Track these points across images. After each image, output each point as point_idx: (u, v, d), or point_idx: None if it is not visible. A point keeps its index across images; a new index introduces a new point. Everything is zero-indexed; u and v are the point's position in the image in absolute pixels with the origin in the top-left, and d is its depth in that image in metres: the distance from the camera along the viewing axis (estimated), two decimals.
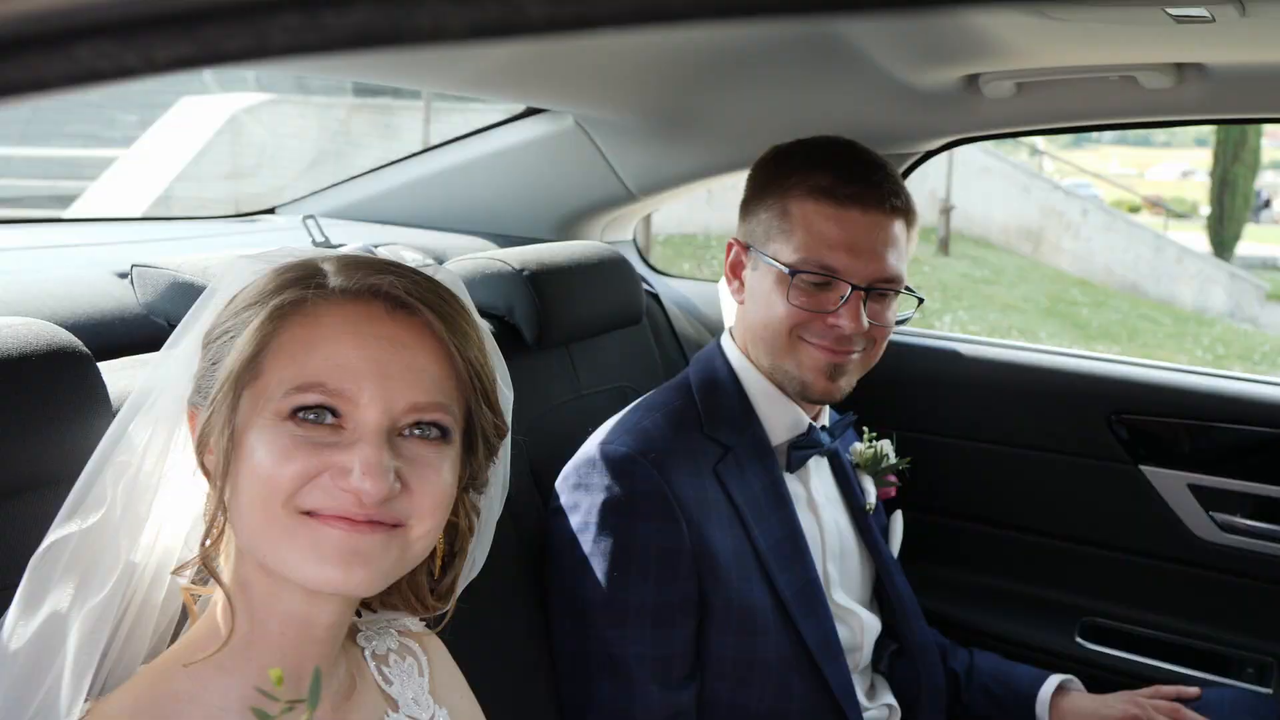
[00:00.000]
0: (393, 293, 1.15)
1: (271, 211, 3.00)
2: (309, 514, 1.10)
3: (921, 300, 2.08)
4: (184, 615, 1.24)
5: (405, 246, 1.31)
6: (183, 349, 1.20)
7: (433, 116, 13.78)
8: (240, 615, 1.15)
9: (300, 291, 1.14)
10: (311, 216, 2.50)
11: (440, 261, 2.28)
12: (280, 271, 1.18)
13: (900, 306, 2.05)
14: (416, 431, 1.15)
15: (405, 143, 13.57)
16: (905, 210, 1.98)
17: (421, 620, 1.39)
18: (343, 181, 3.03)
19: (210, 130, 12.59)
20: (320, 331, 1.13)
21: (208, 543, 1.14)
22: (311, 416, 1.11)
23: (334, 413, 1.11)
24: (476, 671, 1.46)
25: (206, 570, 1.15)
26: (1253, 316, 19.58)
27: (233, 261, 1.23)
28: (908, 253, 2.01)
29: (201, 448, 1.14)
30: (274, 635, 1.16)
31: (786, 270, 1.94)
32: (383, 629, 1.35)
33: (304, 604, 1.15)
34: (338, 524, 1.10)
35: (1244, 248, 24.67)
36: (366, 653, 1.31)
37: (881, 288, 1.96)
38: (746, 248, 2.05)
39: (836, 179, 1.94)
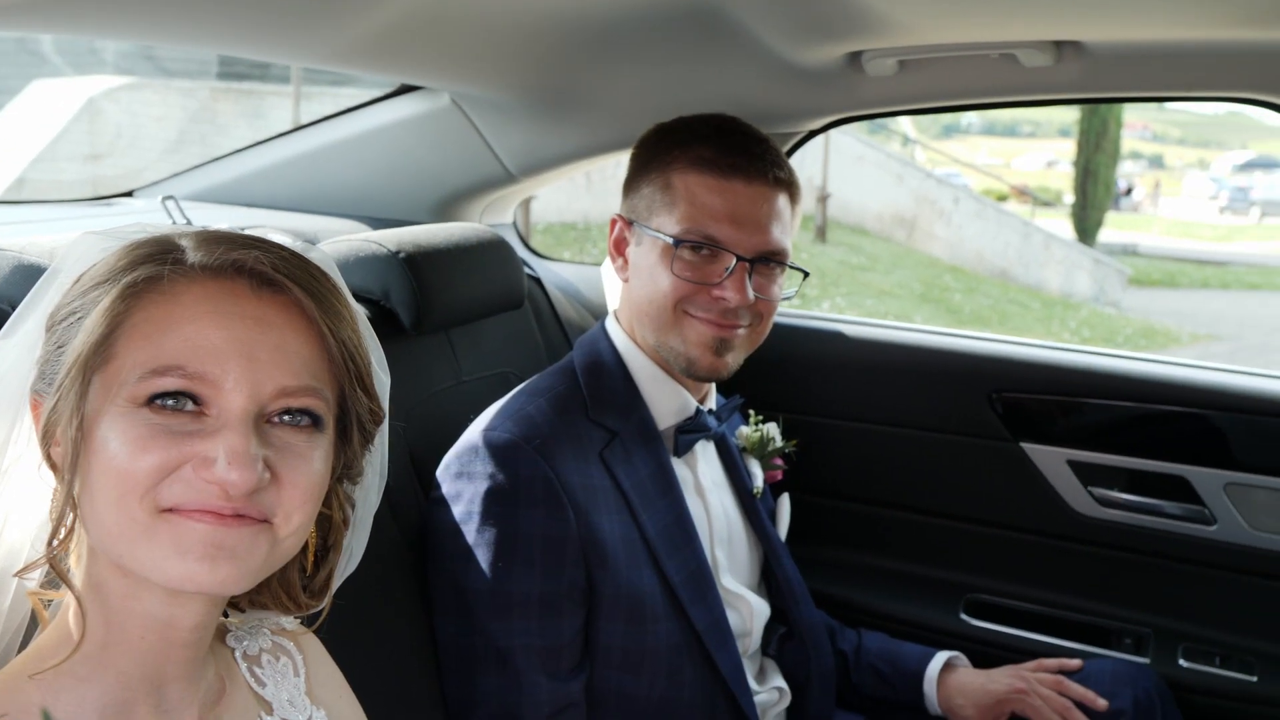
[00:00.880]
0: (258, 269, 1.08)
1: (130, 195, 2.85)
2: (170, 510, 1.02)
3: (807, 274, 2.07)
4: (35, 621, 1.15)
5: (274, 229, 1.22)
6: (24, 333, 1.11)
7: (302, 100, 13.44)
8: (94, 619, 1.07)
9: (155, 268, 1.06)
10: (171, 198, 2.40)
11: (312, 244, 2.18)
12: (132, 248, 1.09)
13: (785, 285, 2.04)
14: (286, 418, 1.08)
15: (273, 127, 13.19)
16: (789, 183, 1.98)
17: (296, 618, 1.30)
18: (206, 163, 2.89)
19: (66, 114, 12.08)
20: (178, 311, 1.05)
21: (55, 543, 1.05)
22: (170, 403, 1.03)
23: (195, 399, 1.04)
24: (356, 670, 1.40)
25: (55, 572, 1.06)
26: (1116, 300, 20.29)
27: (79, 238, 1.14)
28: (792, 228, 2.00)
29: (47, 439, 1.06)
30: (133, 639, 1.08)
31: (670, 240, 1.91)
32: (254, 628, 1.27)
33: (166, 605, 1.08)
34: (202, 518, 1.02)
35: (1106, 234, 25.61)
36: (237, 654, 1.24)
37: (767, 259, 1.94)
38: (630, 223, 2.02)
39: (719, 151, 1.93)
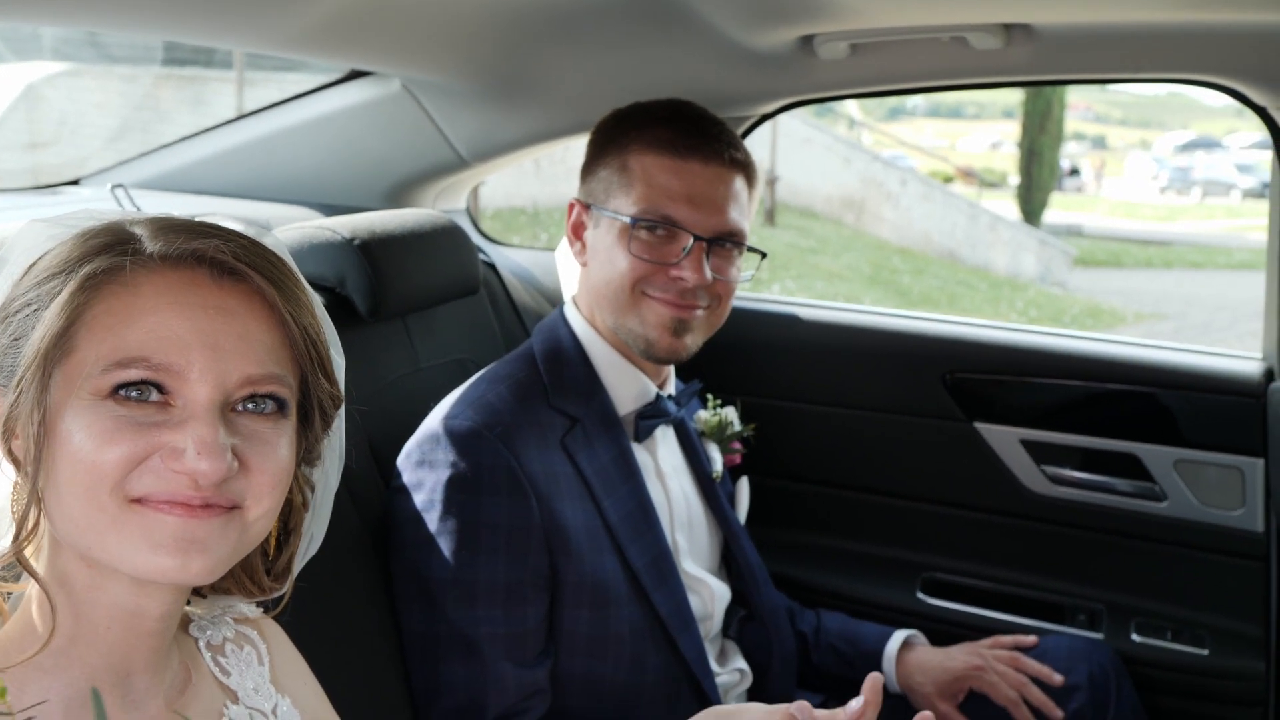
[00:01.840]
0: (218, 258, 1.07)
1: (76, 183, 2.80)
2: (139, 500, 1.01)
3: (764, 255, 2.08)
4: None
5: (225, 217, 1.21)
6: None
7: (246, 87, 13.26)
8: (62, 611, 1.06)
9: (114, 258, 1.05)
10: (121, 186, 2.36)
11: (265, 230, 2.15)
12: (86, 237, 1.08)
13: (743, 267, 2.05)
14: (250, 406, 1.07)
15: (217, 115, 12.97)
16: (745, 165, 1.99)
17: (259, 605, 1.30)
18: (154, 150, 2.85)
19: (4, 101, 11.83)
20: (139, 302, 1.04)
21: (20, 536, 1.04)
22: (135, 394, 1.02)
23: (160, 389, 1.03)
24: (321, 660, 1.39)
25: (23, 568, 1.05)
26: (1062, 280, 20.53)
27: (26, 226, 1.12)
28: (750, 210, 2.01)
29: (8, 434, 1.04)
30: (100, 630, 1.07)
31: (628, 220, 1.92)
32: (217, 617, 1.26)
33: (133, 595, 1.07)
34: (172, 510, 1.02)
35: (1051, 215, 25.87)
36: (201, 643, 1.23)
37: (724, 240, 1.95)
38: (587, 207, 2.03)
39: (676, 132, 1.95)
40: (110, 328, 1.03)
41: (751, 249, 2.03)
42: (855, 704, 1.35)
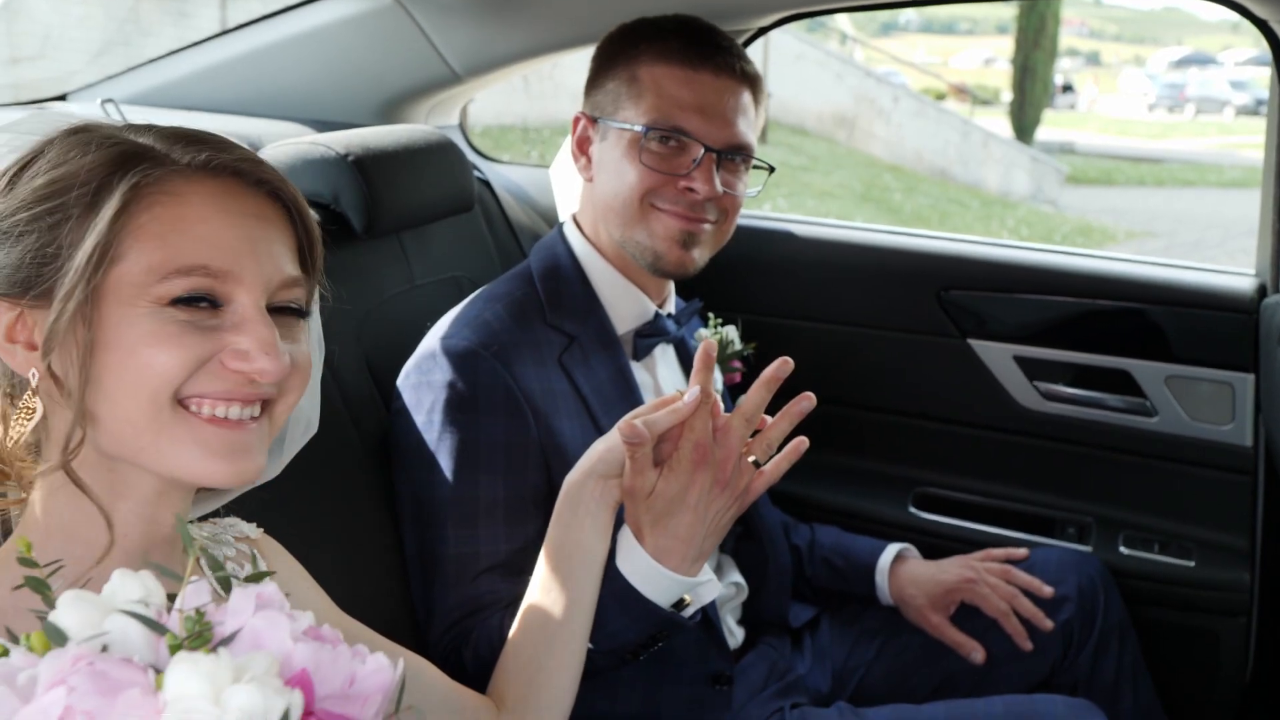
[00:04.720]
0: (244, 167, 1.12)
1: (63, 98, 2.76)
2: (186, 401, 1.06)
3: (772, 169, 2.07)
4: None
5: (219, 132, 1.22)
6: None
7: (229, 2, 13.02)
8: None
9: (152, 168, 1.06)
10: (111, 101, 2.33)
11: (255, 148, 2.13)
12: (100, 145, 1.06)
13: (750, 184, 2.04)
14: (279, 306, 1.13)
15: (200, 29, 12.77)
16: (754, 79, 1.98)
17: (258, 526, 1.32)
18: (142, 64, 2.80)
19: None
20: (188, 211, 1.06)
21: (69, 451, 1.04)
22: (192, 300, 1.05)
23: (212, 297, 1.07)
24: (325, 579, 1.41)
25: (74, 482, 1.05)
26: (1053, 199, 20.41)
27: None
28: (757, 126, 1.99)
29: (47, 351, 1.04)
30: (118, 538, 1.09)
31: (639, 129, 1.90)
32: (219, 536, 1.28)
33: (150, 504, 1.11)
34: (216, 425, 1.06)
35: (1044, 133, 25.68)
36: (203, 561, 1.24)
37: (733, 154, 1.94)
38: (594, 121, 2.00)
39: (686, 43, 1.93)
40: (160, 236, 1.05)
41: (758, 164, 2.03)
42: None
